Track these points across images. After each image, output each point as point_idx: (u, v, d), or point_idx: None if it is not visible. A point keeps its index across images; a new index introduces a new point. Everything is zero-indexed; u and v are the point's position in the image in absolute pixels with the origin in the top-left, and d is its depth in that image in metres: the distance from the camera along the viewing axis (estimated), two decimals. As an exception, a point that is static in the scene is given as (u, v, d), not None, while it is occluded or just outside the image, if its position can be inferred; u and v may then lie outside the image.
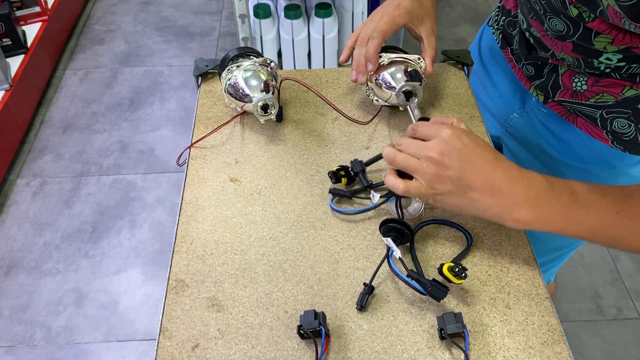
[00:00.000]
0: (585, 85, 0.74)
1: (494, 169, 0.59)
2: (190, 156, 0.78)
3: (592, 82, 0.73)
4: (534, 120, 0.86)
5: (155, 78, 2.40)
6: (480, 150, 0.60)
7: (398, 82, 0.76)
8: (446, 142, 0.59)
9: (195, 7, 2.80)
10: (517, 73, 0.87)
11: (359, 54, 0.79)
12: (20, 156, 2.06)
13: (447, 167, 0.59)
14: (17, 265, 1.73)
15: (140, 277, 1.71)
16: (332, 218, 0.70)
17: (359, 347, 0.58)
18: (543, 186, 0.59)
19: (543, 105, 0.83)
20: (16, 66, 2.07)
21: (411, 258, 0.65)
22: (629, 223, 0.59)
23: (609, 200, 0.59)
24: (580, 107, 0.76)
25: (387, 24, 0.78)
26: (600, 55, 0.67)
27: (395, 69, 0.77)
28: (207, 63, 0.89)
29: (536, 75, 0.81)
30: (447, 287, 0.58)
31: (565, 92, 0.77)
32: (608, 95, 0.72)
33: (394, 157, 0.62)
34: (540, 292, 0.62)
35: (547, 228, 0.60)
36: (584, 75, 0.74)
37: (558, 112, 0.80)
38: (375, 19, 0.80)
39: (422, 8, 0.81)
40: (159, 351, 0.58)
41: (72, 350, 1.54)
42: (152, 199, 1.93)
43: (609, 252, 1.77)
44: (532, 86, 0.83)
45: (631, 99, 0.71)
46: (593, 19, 0.62)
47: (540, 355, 0.57)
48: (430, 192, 0.60)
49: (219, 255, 0.66)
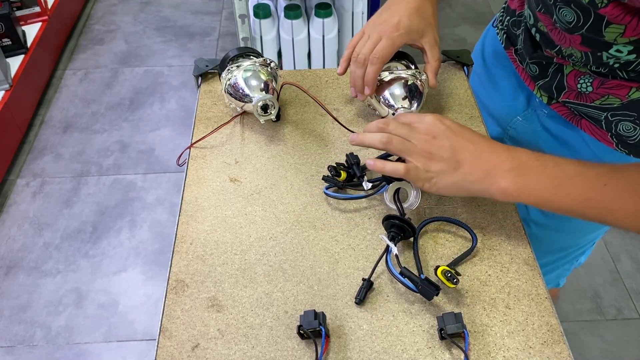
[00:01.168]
0: (591, 87, 0.73)
1: (479, 143, 0.63)
2: (190, 156, 0.78)
3: (598, 83, 0.72)
4: (536, 122, 0.86)
5: (155, 78, 2.40)
6: (462, 129, 0.64)
7: (397, 101, 0.77)
8: (433, 125, 0.64)
9: (195, 7, 2.80)
10: (520, 73, 0.86)
11: (356, 75, 0.78)
12: (20, 156, 2.06)
13: (438, 147, 0.62)
14: (17, 265, 1.73)
15: (140, 277, 1.71)
16: (332, 218, 0.70)
17: (359, 347, 0.58)
18: (528, 156, 0.61)
19: (545, 107, 0.82)
20: (16, 66, 2.07)
21: (413, 255, 0.65)
22: (617, 196, 0.59)
23: (596, 173, 0.60)
24: (585, 108, 0.75)
25: (386, 48, 0.76)
26: (610, 47, 0.66)
27: (395, 86, 0.77)
28: (207, 63, 0.89)
29: (540, 74, 0.81)
30: (438, 287, 0.58)
31: (569, 93, 0.76)
32: (614, 97, 0.72)
33: (391, 141, 0.64)
34: (540, 292, 0.62)
35: (533, 199, 0.61)
36: (589, 77, 0.73)
37: (562, 114, 0.80)
38: (373, 38, 0.77)
39: (423, 20, 0.79)
40: (159, 351, 0.58)
41: (72, 350, 1.54)
42: (152, 199, 1.93)
43: (609, 252, 1.77)
44: (536, 86, 0.82)
45: (637, 101, 0.70)
46: (606, 4, 0.60)
47: (540, 355, 0.57)
48: (426, 176, 0.63)
49: (219, 255, 0.66)
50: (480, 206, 0.71)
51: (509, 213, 0.70)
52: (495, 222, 0.69)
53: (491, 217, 0.70)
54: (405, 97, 0.77)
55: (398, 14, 0.77)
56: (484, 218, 0.70)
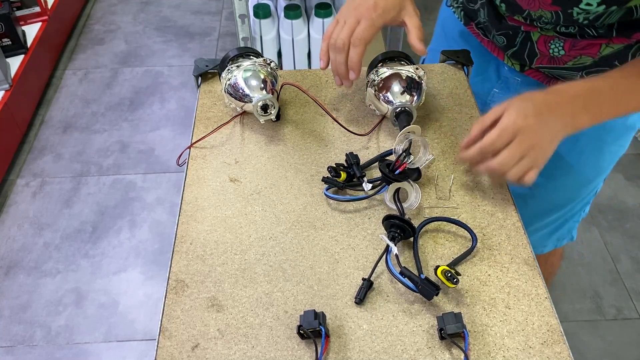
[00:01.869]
0: (563, 50, 0.76)
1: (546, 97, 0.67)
2: (190, 156, 0.78)
3: (570, 45, 0.75)
4: (512, 91, 0.87)
5: (155, 78, 2.40)
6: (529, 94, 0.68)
7: (396, 97, 0.77)
8: (515, 110, 0.65)
9: (195, 7, 2.80)
10: (487, 45, 0.88)
11: (337, 62, 0.76)
12: (20, 156, 2.06)
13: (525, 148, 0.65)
14: (17, 265, 1.73)
15: (140, 277, 1.71)
16: (332, 218, 0.70)
17: (359, 347, 0.58)
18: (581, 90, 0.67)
19: (517, 74, 0.84)
20: (16, 66, 2.07)
21: (413, 255, 0.65)
22: None
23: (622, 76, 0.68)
24: (558, 71, 0.78)
25: (367, 29, 0.74)
26: (579, 1, 0.68)
27: (394, 83, 0.77)
28: (207, 63, 0.89)
29: (508, 44, 0.82)
30: (438, 287, 0.58)
31: (542, 58, 0.79)
32: (586, 56, 0.75)
33: (503, 167, 0.66)
34: (540, 292, 0.62)
35: (606, 118, 0.70)
36: (559, 40, 0.75)
37: (536, 79, 0.82)
38: (350, 22, 0.75)
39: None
40: (159, 351, 0.58)
41: (72, 350, 1.54)
42: (152, 199, 1.93)
43: (609, 252, 1.77)
44: (506, 56, 0.84)
45: (609, 56, 0.73)
46: None
47: (540, 355, 0.57)
48: (527, 166, 0.66)
49: (219, 255, 0.66)
50: (480, 206, 0.71)
51: (509, 213, 0.70)
52: (495, 222, 0.69)
53: (491, 217, 0.70)
54: (403, 92, 0.77)
55: None
56: (484, 218, 0.70)
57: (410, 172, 0.69)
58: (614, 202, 1.91)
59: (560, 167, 0.89)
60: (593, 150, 0.89)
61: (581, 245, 1.79)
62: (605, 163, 0.92)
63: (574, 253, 1.77)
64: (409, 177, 0.69)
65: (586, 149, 0.88)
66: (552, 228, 1.04)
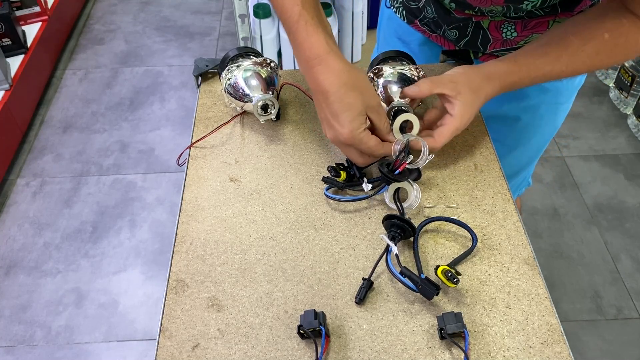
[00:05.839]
0: (515, 32, 0.81)
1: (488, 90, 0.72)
2: (190, 156, 0.78)
3: (521, 27, 0.80)
4: None
5: (155, 78, 2.40)
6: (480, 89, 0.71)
7: (396, 95, 0.76)
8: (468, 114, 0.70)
9: (195, 7, 2.80)
10: (436, 40, 0.91)
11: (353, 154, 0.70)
12: (20, 156, 2.06)
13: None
14: (17, 265, 1.73)
15: (140, 277, 1.71)
16: (332, 218, 0.70)
17: (359, 347, 0.58)
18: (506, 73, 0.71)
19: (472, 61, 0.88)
20: (16, 66, 2.07)
21: (413, 255, 0.65)
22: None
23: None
24: (512, 51, 0.79)
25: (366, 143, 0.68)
26: None
27: (392, 82, 0.77)
28: (207, 63, 0.89)
29: (461, 36, 0.86)
30: (438, 287, 0.58)
31: (495, 43, 0.83)
32: (537, 34, 0.80)
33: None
34: (540, 292, 0.62)
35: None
36: (509, 23, 0.80)
37: None
38: (342, 149, 0.70)
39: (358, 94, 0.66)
40: (159, 351, 0.58)
41: (72, 350, 1.54)
42: (152, 199, 1.93)
43: (609, 252, 1.77)
44: (459, 47, 0.88)
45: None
46: None
47: (540, 355, 0.57)
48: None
49: (219, 255, 0.66)
50: (480, 206, 0.71)
51: (509, 213, 0.70)
52: (495, 222, 0.69)
53: (491, 217, 0.70)
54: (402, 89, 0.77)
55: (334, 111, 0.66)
56: (484, 218, 0.70)
57: (410, 172, 0.69)
58: (614, 202, 1.91)
59: (525, 136, 0.96)
60: (550, 113, 0.96)
61: (581, 245, 1.79)
62: (559, 120, 0.99)
63: (574, 253, 1.77)
64: (408, 177, 0.69)
65: (545, 114, 0.95)
66: (517, 184, 1.14)
